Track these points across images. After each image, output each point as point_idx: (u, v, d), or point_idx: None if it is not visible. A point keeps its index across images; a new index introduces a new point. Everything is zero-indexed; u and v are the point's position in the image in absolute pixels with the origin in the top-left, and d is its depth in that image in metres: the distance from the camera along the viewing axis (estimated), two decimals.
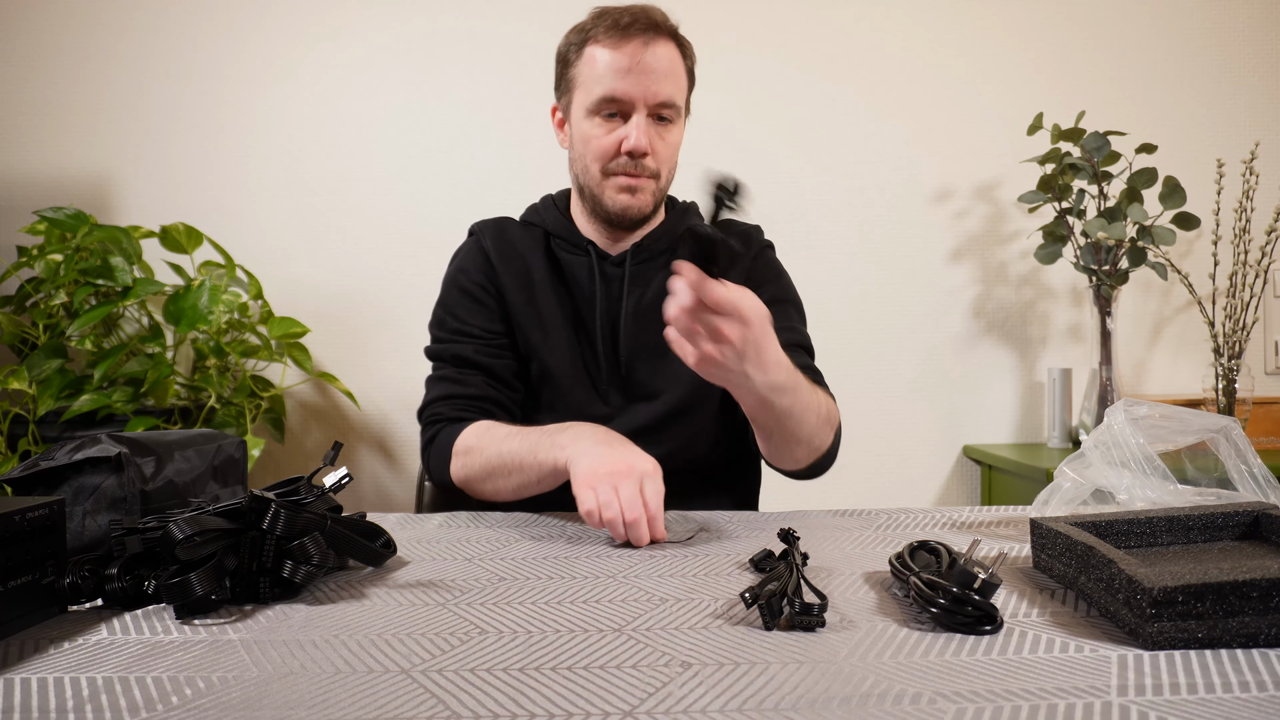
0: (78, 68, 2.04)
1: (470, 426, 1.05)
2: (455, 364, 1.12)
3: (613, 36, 1.04)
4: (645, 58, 1.03)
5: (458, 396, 1.09)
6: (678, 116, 1.08)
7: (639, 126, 1.04)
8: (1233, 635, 0.51)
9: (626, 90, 1.03)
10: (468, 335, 1.13)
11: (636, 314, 1.13)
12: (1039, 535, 0.69)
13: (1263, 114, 2.14)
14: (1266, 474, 0.77)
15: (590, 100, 1.05)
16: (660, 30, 1.05)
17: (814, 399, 0.92)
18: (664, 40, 1.05)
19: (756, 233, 1.23)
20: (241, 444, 0.90)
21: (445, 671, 0.50)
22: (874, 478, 2.10)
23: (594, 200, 1.11)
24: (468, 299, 1.14)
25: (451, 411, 1.09)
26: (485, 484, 1.02)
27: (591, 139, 1.07)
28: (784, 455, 0.97)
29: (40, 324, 1.75)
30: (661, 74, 1.04)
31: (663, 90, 1.04)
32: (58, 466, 0.72)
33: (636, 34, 1.03)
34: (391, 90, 2.07)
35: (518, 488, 0.99)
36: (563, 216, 1.17)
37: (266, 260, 2.02)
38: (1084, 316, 2.14)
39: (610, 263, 1.14)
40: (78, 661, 0.52)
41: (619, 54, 1.03)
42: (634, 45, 1.03)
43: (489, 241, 1.16)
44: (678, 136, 1.10)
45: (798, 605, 0.57)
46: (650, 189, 1.09)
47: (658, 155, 1.07)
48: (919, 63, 2.12)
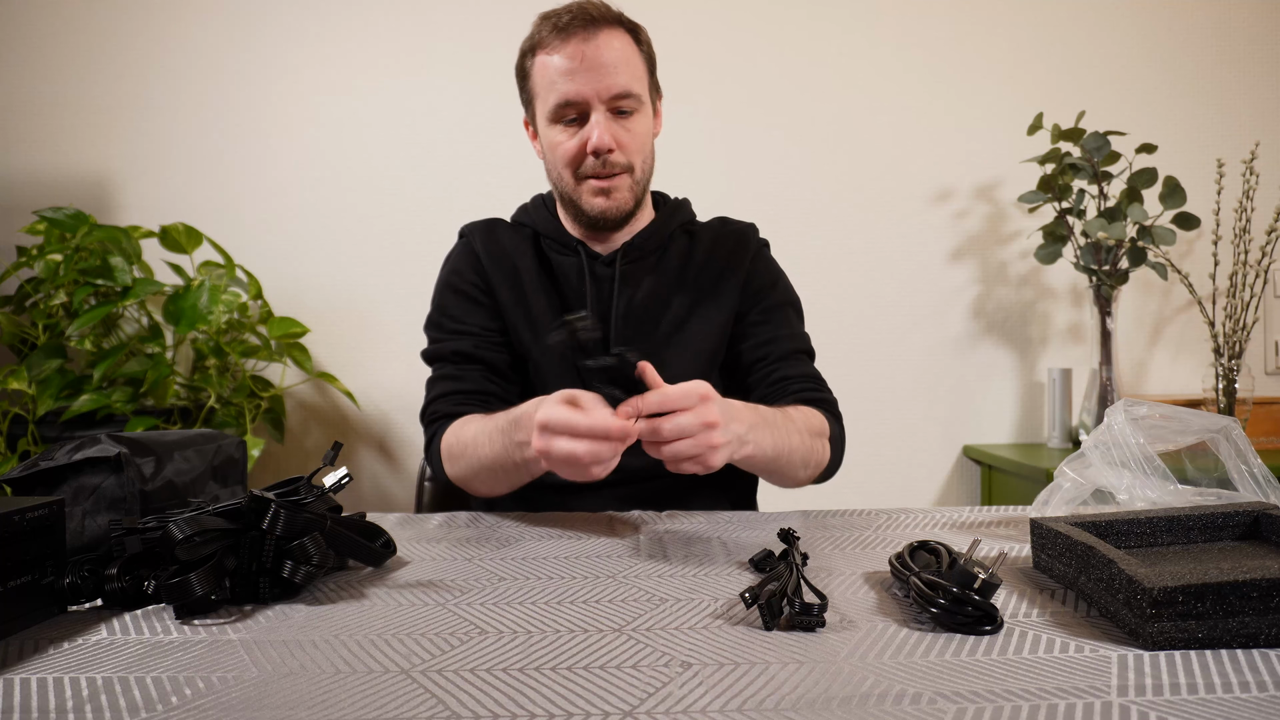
0: (78, 68, 2.04)
1: (451, 427, 1.04)
2: (454, 360, 1.11)
3: (555, 39, 1.03)
4: (589, 54, 1.01)
5: (457, 392, 1.09)
6: (639, 104, 1.06)
7: (599, 125, 1.03)
8: (1233, 635, 0.51)
9: (578, 90, 1.02)
10: (465, 333, 1.12)
11: (628, 314, 1.12)
12: (1039, 535, 0.69)
13: (1263, 114, 2.15)
14: (1266, 474, 0.77)
15: (548, 108, 1.05)
16: (599, 22, 1.03)
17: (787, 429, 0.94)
18: (607, 30, 1.03)
19: (752, 231, 1.21)
20: (241, 444, 0.90)
21: (445, 671, 0.50)
22: (874, 478, 2.10)
23: (573, 206, 1.10)
24: (463, 299, 1.14)
25: (450, 407, 1.08)
26: (478, 484, 1.03)
27: (557, 146, 1.06)
28: (786, 483, 1.02)
29: (40, 324, 1.75)
30: (610, 65, 1.02)
31: (616, 82, 1.02)
32: (57, 466, 0.72)
33: (577, 30, 1.02)
34: (391, 90, 2.07)
35: (508, 485, 1.00)
36: (552, 217, 1.17)
37: (266, 260, 2.02)
38: (1084, 316, 2.14)
39: (601, 262, 1.14)
40: (78, 661, 0.52)
41: (564, 56, 1.02)
42: (575, 43, 1.02)
43: (479, 243, 1.16)
44: (644, 125, 1.08)
45: (798, 605, 0.57)
46: (625, 184, 1.08)
47: (625, 148, 1.06)
48: (919, 62, 2.12)
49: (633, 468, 0.89)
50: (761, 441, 0.87)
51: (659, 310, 1.13)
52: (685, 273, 1.15)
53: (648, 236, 1.15)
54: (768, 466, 0.93)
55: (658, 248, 1.15)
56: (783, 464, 0.94)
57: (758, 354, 1.13)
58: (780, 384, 1.10)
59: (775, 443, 0.90)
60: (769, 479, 1.01)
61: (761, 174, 2.10)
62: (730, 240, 1.18)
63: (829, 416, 1.07)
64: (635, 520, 0.94)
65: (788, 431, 0.93)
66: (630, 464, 0.84)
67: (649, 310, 1.13)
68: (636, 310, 1.12)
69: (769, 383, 1.11)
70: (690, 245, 1.17)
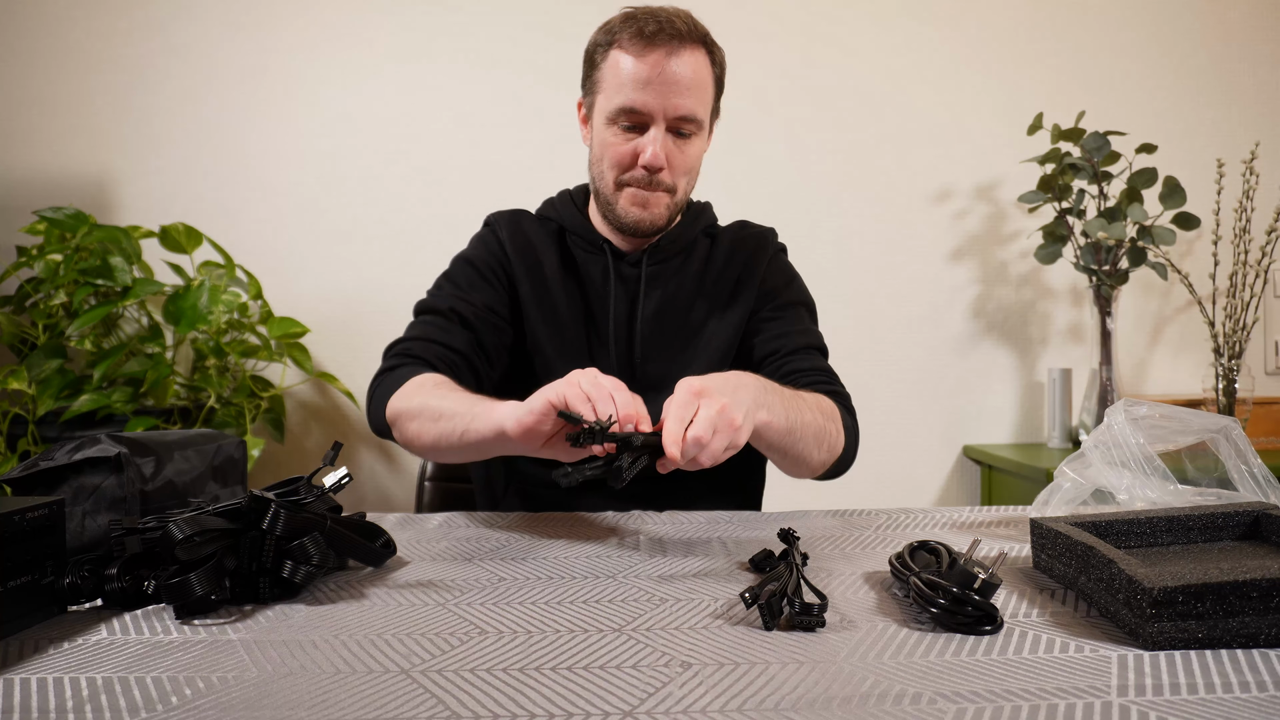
0: (78, 68, 2.04)
1: (427, 374, 0.97)
2: (448, 316, 1.07)
3: (637, 44, 1.01)
4: (667, 70, 1.00)
5: (439, 343, 1.04)
6: (699, 130, 1.05)
7: (656, 140, 1.02)
8: (1233, 635, 0.51)
9: (646, 102, 1.01)
10: (468, 301, 1.09)
11: (656, 315, 1.12)
12: (1039, 535, 0.69)
13: (1263, 114, 2.15)
14: (1266, 474, 0.77)
15: (610, 108, 1.03)
16: (685, 39, 1.01)
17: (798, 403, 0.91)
18: (690, 49, 1.02)
19: (771, 236, 1.21)
20: (241, 444, 0.90)
21: (445, 671, 0.50)
22: (874, 478, 2.10)
23: (607, 207, 1.10)
24: (477, 275, 1.12)
25: (427, 354, 1.02)
26: (411, 426, 0.93)
27: (609, 147, 1.05)
28: (801, 467, 0.96)
29: (40, 324, 1.75)
30: (684, 86, 1.01)
31: (684, 104, 1.01)
32: (57, 467, 0.72)
33: (661, 44, 1.00)
34: (392, 90, 2.07)
35: (441, 440, 0.89)
36: (579, 213, 1.16)
37: (266, 260, 2.02)
38: (1084, 316, 2.14)
39: (626, 262, 1.13)
40: (78, 661, 0.52)
41: (641, 63, 1.00)
42: (657, 55, 1.00)
43: (504, 232, 1.15)
44: (698, 148, 1.07)
45: (798, 605, 0.57)
46: (665, 202, 1.07)
47: (674, 169, 1.05)
48: (919, 63, 2.12)
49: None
50: (773, 407, 0.85)
51: (682, 313, 1.13)
52: (706, 276, 1.15)
53: (673, 239, 1.14)
54: (783, 440, 0.88)
55: (681, 250, 1.15)
56: (797, 439, 0.90)
57: (768, 348, 1.11)
58: (791, 377, 1.07)
59: (787, 412, 0.87)
60: (784, 461, 0.95)
61: (761, 174, 2.10)
62: (749, 244, 1.18)
63: (841, 408, 1.04)
64: (635, 520, 0.94)
65: (799, 406, 0.90)
66: None
67: (672, 313, 1.13)
68: (661, 312, 1.12)
69: (779, 375, 1.08)
70: (711, 249, 1.17)
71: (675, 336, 1.12)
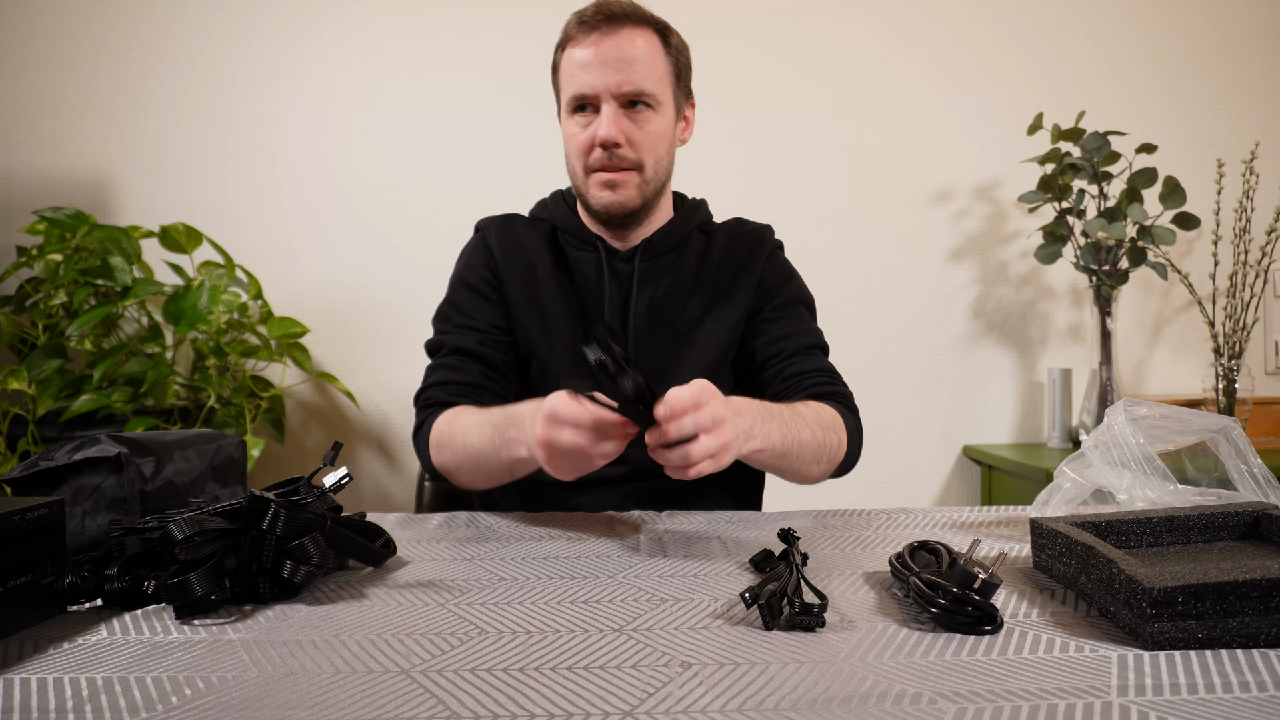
0: (78, 68, 2.04)
1: (443, 415, 1.03)
2: (454, 354, 1.11)
3: (579, 33, 1.04)
4: (607, 47, 1.02)
5: (453, 383, 1.09)
6: (656, 104, 1.06)
7: (608, 117, 1.03)
8: (1233, 635, 0.51)
9: (591, 84, 1.03)
10: (470, 329, 1.12)
11: (646, 312, 1.12)
12: (1039, 535, 0.69)
13: (1263, 114, 2.14)
14: (1266, 474, 0.77)
15: (566, 99, 1.06)
16: (622, 19, 1.03)
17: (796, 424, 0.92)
18: (630, 28, 1.03)
19: (767, 232, 1.21)
20: (241, 444, 0.90)
21: (445, 671, 0.50)
22: (874, 478, 2.10)
23: (583, 198, 1.11)
24: (474, 294, 1.14)
25: (445, 396, 1.08)
26: (461, 475, 1.01)
27: (570, 137, 1.07)
28: (799, 479, 1.00)
29: (40, 324, 1.75)
30: (625, 61, 1.02)
31: (628, 79, 1.02)
32: (57, 467, 0.72)
33: (599, 25, 1.03)
34: (392, 90, 2.07)
35: (490, 480, 0.99)
36: (572, 212, 1.16)
37: (266, 260, 2.02)
38: (1084, 316, 2.14)
39: (619, 259, 1.13)
40: (78, 661, 0.52)
41: (584, 49, 1.03)
42: (595, 36, 1.03)
43: (494, 238, 1.16)
44: (659, 125, 1.07)
45: (798, 605, 0.57)
46: (633, 182, 1.07)
47: (636, 145, 1.05)
48: (919, 63, 2.12)
49: (635, 460, 0.89)
50: (769, 435, 0.86)
51: (676, 309, 1.13)
52: (701, 272, 1.15)
53: (666, 235, 1.14)
54: (777, 462, 0.91)
55: (675, 246, 1.15)
56: (793, 459, 0.92)
57: (770, 350, 1.12)
58: (794, 379, 1.09)
59: (784, 437, 0.89)
60: (780, 475, 0.99)
61: (761, 174, 2.10)
62: (746, 240, 1.18)
63: (843, 410, 1.05)
64: (635, 520, 0.94)
65: (797, 426, 0.92)
66: (631, 455, 0.83)
67: (666, 309, 1.13)
68: (655, 308, 1.12)
69: (782, 379, 1.10)
70: (706, 245, 1.17)
71: (669, 332, 1.13)
